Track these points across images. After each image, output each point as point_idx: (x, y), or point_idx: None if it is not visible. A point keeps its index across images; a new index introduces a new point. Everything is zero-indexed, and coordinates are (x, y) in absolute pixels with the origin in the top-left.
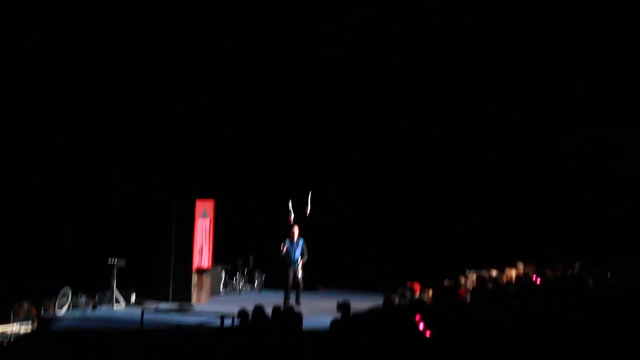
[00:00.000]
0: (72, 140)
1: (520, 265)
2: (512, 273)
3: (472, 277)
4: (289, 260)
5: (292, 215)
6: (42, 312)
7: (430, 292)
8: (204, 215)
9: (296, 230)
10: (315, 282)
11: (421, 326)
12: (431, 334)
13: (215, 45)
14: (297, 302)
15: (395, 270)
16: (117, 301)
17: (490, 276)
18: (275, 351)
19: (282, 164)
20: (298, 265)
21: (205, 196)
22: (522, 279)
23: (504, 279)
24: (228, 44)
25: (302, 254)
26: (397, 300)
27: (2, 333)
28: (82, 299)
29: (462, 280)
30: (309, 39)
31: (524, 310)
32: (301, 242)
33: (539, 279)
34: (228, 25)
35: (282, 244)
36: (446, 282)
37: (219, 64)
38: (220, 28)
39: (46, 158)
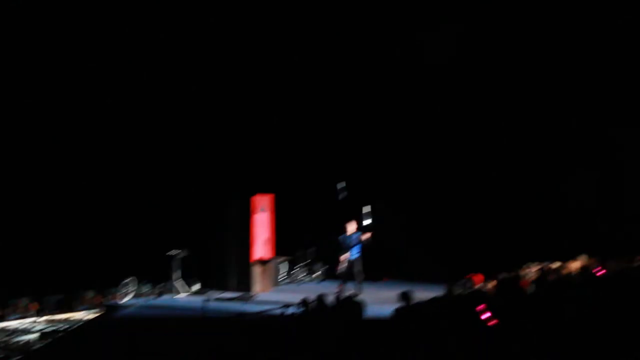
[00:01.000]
0: (135, 133)
1: (584, 258)
2: (575, 265)
3: (534, 268)
4: (345, 253)
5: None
6: (106, 300)
7: (492, 284)
8: (262, 210)
9: (352, 224)
10: (378, 273)
11: (485, 315)
12: (495, 324)
13: (274, 36)
14: (357, 293)
15: (457, 263)
16: (180, 290)
17: (552, 268)
18: (337, 339)
19: (339, 156)
20: (354, 259)
21: (263, 191)
22: (585, 271)
23: (566, 271)
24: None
25: (360, 247)
26: (458, 291)
27: (67, 320)
28: (146, 288)
29: (524, 272)
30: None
31: (586, 302)
32: (356, 236)
33: (602, 271)
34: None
35: (339, 239)
36: (508, 274)
37: (278, 57)
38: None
39: (108, 152)
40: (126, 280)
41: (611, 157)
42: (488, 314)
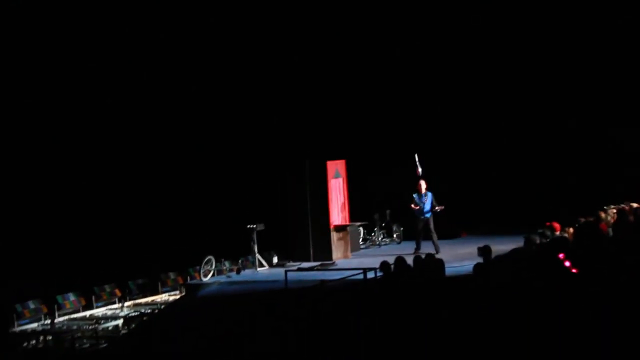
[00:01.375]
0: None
1: None
2: None
3: (612, 211)
4: (418, 213)
5: (419, 169)
6: (188, 280)
7: (571, 230)
8: (337, 176)
9: (423, 184)
10: (457, 229)
11: (567, 264)
12: (578, 271)
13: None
14: (436, 251)
15: (534, 212)
16: (260, 264)
17: (631, 208)
18: (420, 298)
19: (407, 118)
20: (429, 217)
21: (336, 157)
22: None
23: None
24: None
25: (432, 207)
26: (538, 240)
27: (151, 303)
28: (226, 265)
29: (602, 215)
30: None
31: None
32: (430, 195)
33: None
34: None
35: (412, 200)
36: (586, 219)
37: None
38: None
39: (181, 133)
40: (206, 259)
41: None
42: (568, 262)
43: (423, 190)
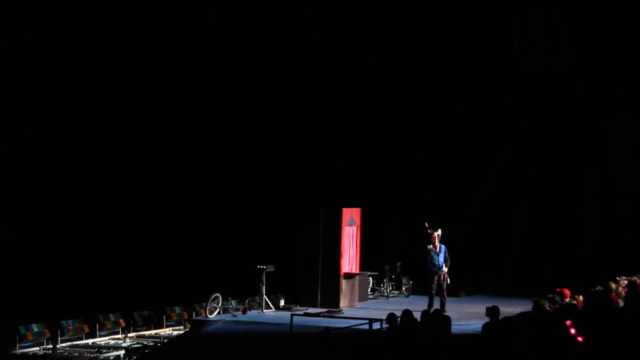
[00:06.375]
0: (223, 147)
1: None
2: None
3: (623, 282)
4: (432, 267)
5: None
6: (193, 316)
7: (581, 298)
8: (351, 223)
9: (436, 235)
10: (457, 288)
11: (573, 331)
12: (584, 340)
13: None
14: (443, 310)
15: (543, 277)
16: (267, 306)
17: None
18: (425, 354)
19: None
20: (443, 271)
21: (352, 204)
22: None
23: None
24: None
25: (445, 260)
26: (547, 305)
27: (155, 336)
28: (232, 304)
29: (613, 285)
30: None
31: None
32: (443, 248)
33: None
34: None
35: (426, 248)
36: (597, 288)
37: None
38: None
39: (199, 169)
40: (213, 296)
41: None
42: (574, 330)
43: (437, 242)
